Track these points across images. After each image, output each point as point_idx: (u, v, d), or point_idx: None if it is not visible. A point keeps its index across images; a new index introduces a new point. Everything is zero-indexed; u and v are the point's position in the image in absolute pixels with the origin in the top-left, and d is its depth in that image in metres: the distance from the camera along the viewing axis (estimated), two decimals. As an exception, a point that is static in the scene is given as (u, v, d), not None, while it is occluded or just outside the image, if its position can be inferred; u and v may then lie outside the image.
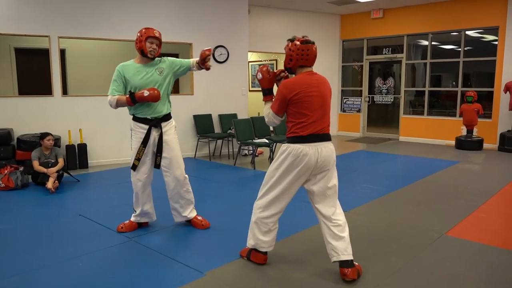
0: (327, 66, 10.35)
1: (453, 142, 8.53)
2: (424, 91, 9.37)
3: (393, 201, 4.60)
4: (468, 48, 8.81)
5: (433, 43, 9.28)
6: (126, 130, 3.83)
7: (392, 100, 9.96)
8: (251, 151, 7.16)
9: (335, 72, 10.56)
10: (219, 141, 7.65)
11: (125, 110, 3.61)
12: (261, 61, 11.78)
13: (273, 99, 2.76)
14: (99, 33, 6.54)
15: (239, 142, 6.62)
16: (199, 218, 3.70)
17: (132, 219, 3.64)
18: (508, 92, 7.74)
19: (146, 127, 3.40)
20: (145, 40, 3.29)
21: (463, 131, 8.37)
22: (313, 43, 2.70)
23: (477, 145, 8.04)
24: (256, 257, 2.92)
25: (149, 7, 6.89)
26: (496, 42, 8.28)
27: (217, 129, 7.64)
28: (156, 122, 3.42)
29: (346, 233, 2.70)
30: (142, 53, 3.34)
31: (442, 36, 9.26)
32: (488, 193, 4.82)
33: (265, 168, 6.39)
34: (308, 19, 9.90)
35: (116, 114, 5.10)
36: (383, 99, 10.09)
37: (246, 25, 7.91)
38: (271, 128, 7.33)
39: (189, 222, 3.70)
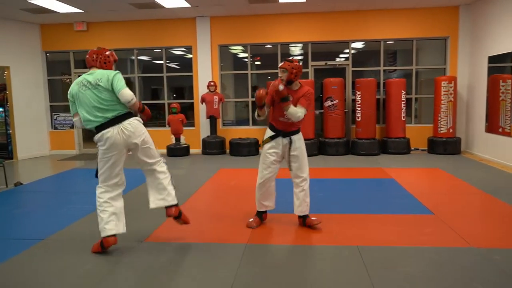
0: (31, 80, 9.35)
1: (165, 151, 9.21)
2: (136, 104, 9.70)
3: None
4: (176, 64, 9.73)
5: (143, 58, 9.76)
6: None
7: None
8: None
9: (40, 86, 9.62)
10: None
11: None
12: None
13: (302, 102, 3.76)
14: None
15: None
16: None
17: None
18: (204, 103, 8.94)
19: None
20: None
21: (173, 139, 9.16)
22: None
23: (185, 151, 8.97)
24: None
25: None
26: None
27: None
28: None
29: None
30: None
31: (148, 52, 9.87)
32: (190, 192, 5.39)
33: None
34: (2, 27, 8.65)
35: None
36: (96, 113, 9.88)
37: None
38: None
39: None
